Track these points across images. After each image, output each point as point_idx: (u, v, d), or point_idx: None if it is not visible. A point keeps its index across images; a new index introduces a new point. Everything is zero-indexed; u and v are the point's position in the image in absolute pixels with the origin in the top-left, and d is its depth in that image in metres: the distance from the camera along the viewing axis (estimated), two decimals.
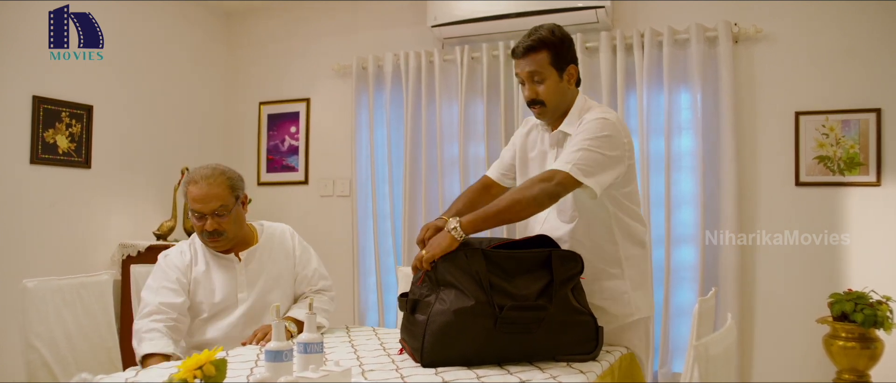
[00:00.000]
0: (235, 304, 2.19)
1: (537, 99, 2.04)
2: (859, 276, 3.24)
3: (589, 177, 1.88)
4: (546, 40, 2.00)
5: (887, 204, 3.23)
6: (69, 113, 3.60)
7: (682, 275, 3.51)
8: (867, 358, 2.96)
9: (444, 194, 3.94)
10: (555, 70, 2.03)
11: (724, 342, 1.44)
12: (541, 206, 1.91)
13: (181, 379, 1.24)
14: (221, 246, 2.21)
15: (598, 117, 1.98)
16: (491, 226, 1.89)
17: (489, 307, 1.76)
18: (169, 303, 2.11)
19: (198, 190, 2.15)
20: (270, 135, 4.55)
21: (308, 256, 2.38)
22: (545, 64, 2.02)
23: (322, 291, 2.37)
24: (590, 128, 1.95)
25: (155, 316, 2.09)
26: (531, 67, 2.03)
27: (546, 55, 2.01)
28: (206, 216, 2.14)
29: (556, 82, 2.03)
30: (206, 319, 2.19)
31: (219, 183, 2.17)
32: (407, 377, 1.67)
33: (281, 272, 2.29)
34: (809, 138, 3.36)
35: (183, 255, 2.22)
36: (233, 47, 4.70)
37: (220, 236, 2.17)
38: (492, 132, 3.86)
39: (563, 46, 2.03)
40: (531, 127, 2.24)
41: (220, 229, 2.16)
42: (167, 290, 2.13)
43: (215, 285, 2.19)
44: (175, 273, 2.17)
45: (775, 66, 3.44)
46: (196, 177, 2.18)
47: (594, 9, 3.53)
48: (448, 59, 3.98)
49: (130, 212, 3.99)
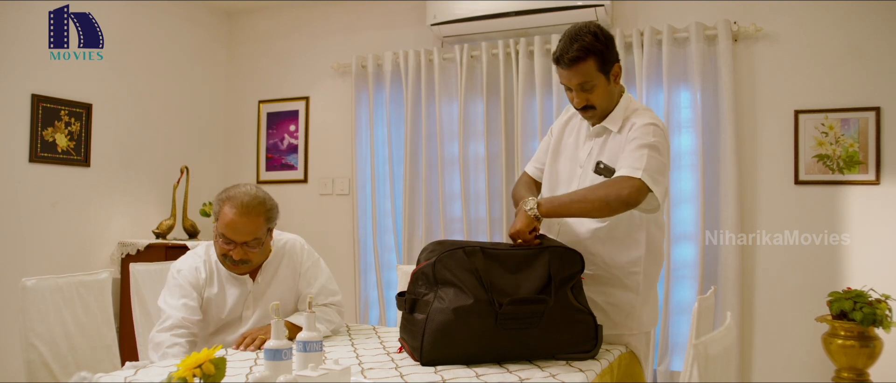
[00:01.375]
0: (240, 320, 2.17)
1: (589, 105, 2.02)
2: (858, 275, 3.24)
3: (657, 186, 1.89)
4: (591, 47, 1.93)
5: (886, 202, 3.23)
6: (68, 111, 3.60)
7: (682, 273, 3.52)
8: (866, 356, 2.96)
9: (443, 192, 3.94)
10: (603, 75, 1.98)
11: (724, 341, 1.44)
12: (613, 212, 1.91)
13: (180, 378, 1.24)
14: (242, 272, 2.15)
15: (649, 123, 1.96)
16: (563, 215, 1.94)
17: (488, 305, 1.76)
18: (191, 320, 2.07)
19: (234, 217, 2.03)
20: (270, 134, 4.55)
21: (315, 273, 2.30)
22: (594, 71, 1.96)
23: (329, 305, 2.31)
24: (646, 135, 1.93)
25: (177, 330, 2.04)
26: (579, 79, 1.97)
27: (593, 63, 1.95)
28: (236, 244, 2.05)
29: (605, 86, 2.00)
30: (211, 333, 2.17)
31: (256, 213, 2.05)
32: (406, 376, 1.67)
33: (286, 291, 2.23)
34: (809, 137, 3.36)
35: (198, 272, 2.14)
36: (232, 46, 4.70)
37: (245, 265, 2.11)
38: (491, 130, 3.86)
39: (607, 50, 1.97)
40: (571, 114, 2.22)
41: (246, 259, 2.08)
42: (188, 307, 2.08)
43: (227, 303, 2.15)
44: (193, 289, 2.12)
45: (775, 65, 3.44)
46: (235, 202, 2.04)
47: (594, 7, 3.53)
48: (447, 58, 3.98)
49: (130, 211, 3.99)
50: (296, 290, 2.26)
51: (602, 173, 1.99)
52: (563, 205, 1.92)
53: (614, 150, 2.01)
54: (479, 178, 3.89)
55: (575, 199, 1.92)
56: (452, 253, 1.80)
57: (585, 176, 2.07)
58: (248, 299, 2.16)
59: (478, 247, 1.82)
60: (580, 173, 2.10)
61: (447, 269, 1.79)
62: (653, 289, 2.13)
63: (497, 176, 3.84)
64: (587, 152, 2.10)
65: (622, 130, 2.03)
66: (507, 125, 3.83)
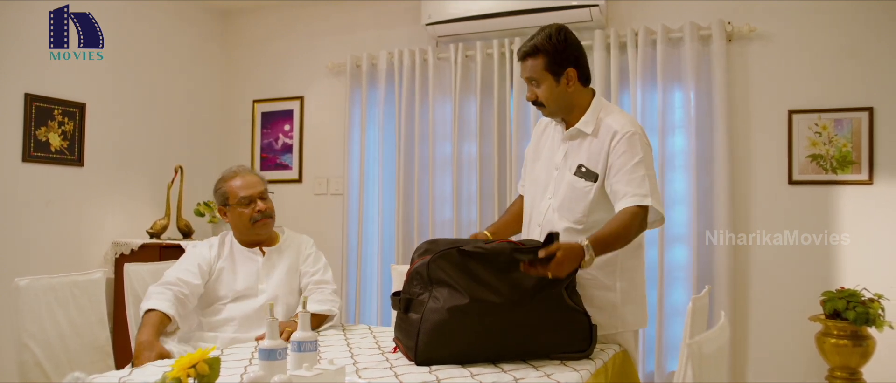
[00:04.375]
0: (256, 293, 2.33)
1: (537, 100, 2.09)
2: (851, 274, 3.25)
3: (660, 205, 2.00)
4: (541, 46, 2.04)
5: (879, 202, 3.25)
6: (62, 111, 3.58)
7: (676, 274, 3.52)
8: (859, 355, 2.98)
9: (436, 193, 3.94)
10: (550, 74, 2.05)
11: (718, 340, 1.44)
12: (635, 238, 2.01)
13: (174, 378, 1.24)
14: (267, 229, 2.42)
15: (632, 133, 2.01)
16: (611, 250, 1.94)
17: (483, 305, 1.76)
18: (184, 280, 2.26)
19: (242, 179, 2.41)
20: (264, 134, 4.54)
21: (317, 258, 2.50)
22: (540, 69, 2.05)
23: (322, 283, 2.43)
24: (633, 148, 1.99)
25: (167, 284, 2.24)
26: (527, 73, 2.09)
27: (541, 60, 2.04)
28: (256, 199, 2.38)
29: (552, 86, 2.06)
30: (227, 302, 2.33)
31: (255, 173, 2.47)
32: (401, 375, 1.67)
33: (290, 267, 2.43)
34: (802, 137, 3.38)
35: (211, 249, 2.39)
36: (227, 45, 4.68)
37: (270, 218, 2.41)
38: (485, 131, 3.86)
39: (558, 52, 2.03)
40: (547, 123, 2.27)
41: (269, 209, 2.40)
42: (186, 271, 2.29)
43: (238, 275, 2.35)
44: (197, 260, 2.34)
45: (769, 65, 3.45)
46: (234, 171, 2.44)
47: (588, 7, 3.54)
48: (442, 58, 3.98)
49: (124, 211, 3.98)
50: (298, 271, 2.45)
51: (584, 177, 2.04)
52: (609, 243, 1.92)
53: (594, 153, 2.05)
54: (471, 179, 3.89)
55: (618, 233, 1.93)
56: (447, 252, 1.80)
57: (562, 178, 2.10)
58: (260, 273, 2.36)
59: (472, 246, 1.82)
60: (556, 175, 2.13)
61: (441, 269, 1.79)
62: (636, 287, 2.13)
63: (489, 177, 3.84)
64: (562, 154, 2.12)
65: (599, 133, 2.06)
66: (500, 125, 3.84)
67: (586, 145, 2.07)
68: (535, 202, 2.19)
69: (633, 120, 2.10)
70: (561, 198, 2.09)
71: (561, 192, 2.09)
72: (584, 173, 2.04)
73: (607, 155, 2.01)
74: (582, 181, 2.04)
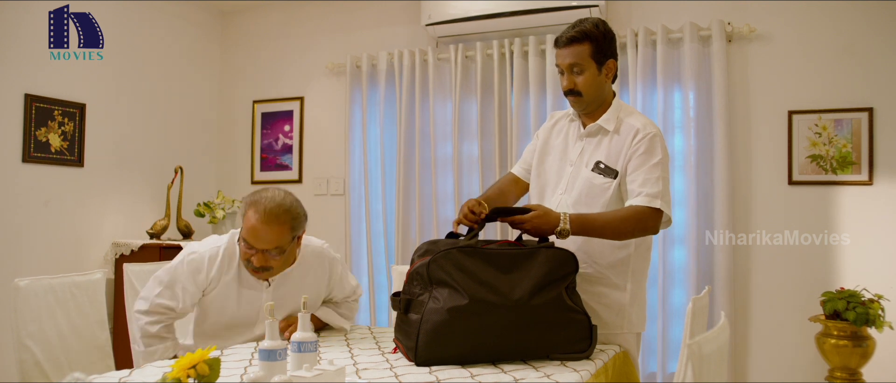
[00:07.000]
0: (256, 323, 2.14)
1: (575, 89, 2.09)
2: (851, 275, 3.25)
3: (669, 209, 2.01)
4: (589, 33, 2.05)
5: (879, 203, 3.25)
6: (61, 111, 3.58)
7: (676, 275, 3.52)
8: (859, 356, 2.98)
9: (437, 193, 3.94)
10: (594, 62, 2.07)
11: (718, 340, 1.44)
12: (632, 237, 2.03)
13: (174, 379, 1.24)
14: (264, 278, 2.11)
15: (655, 134, 2.04)
16: (590, 234, 1.97)
17: (483, 305, 1.76)
18: (170, 308, 2.09)
19: (256, 223, 1.96)
20: (264, 134, 4.54)
21: (345, 279, 2.33)
22: (586, 55, 2.05)
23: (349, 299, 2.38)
24: (653, 149, 2.02)
25: (154, 316, 2.09)
26: (571, 59, 2.06)
27: (588, 47, 2.05)
28: (257, 251, 2.00)
29: (594, 75, 2.08)
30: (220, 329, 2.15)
31: (280, 222, 1.97)
32: (401, 376, 1.67)
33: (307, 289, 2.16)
34: (802, 137, 3.38)
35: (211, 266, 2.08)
36: (227, 46, 4.69)
37: (266, 272, 2.06)
38: (485, 131, 3.86)
39: (605, 41, 2.07)
40: (557, 119, 2.28)
41: (266, 266, 2.02)
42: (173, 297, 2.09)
43: (239, 304, 2.12)
44: (192, 286, 2.08)
45: (769, 66, 3.45)
46: (259, 208, 1.97)
47: (588, 7, 3.54)
48: (442, 58, 3.98)
49: (124, 211, 3.98)
50: (321, 296, 2.27)
51: (603, 173, 2.07)
52: (593, 227, 1.96)
53: (614, 151, 2.08)
54: (471, 180, 3.89)
55: (607, 222, 1.97)
56: (447, 253, 1.80)
57: (578, 173, 2.11)
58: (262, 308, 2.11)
59: (472, 246, 1.82)
60: (570, 171, 2.14)
61: (441, 269, 1.79)
62: (641, 290, 2.15)
63: (489, 177, 3.84)
64: (578, 151, 2.14)
65: (620, 131, 2.08)
66: (500, 125, 3.83)
67: (606, 142, 2.09)
68: (545, 196, 2.20)
69: (653, 122, 2.13)
70: (577, 193, 2.10)
71: (577, 188, 2.10)
72: (602, 169, 2.07)
73: (628, 152, 2.04)
74: (600, 177, 2.07)
